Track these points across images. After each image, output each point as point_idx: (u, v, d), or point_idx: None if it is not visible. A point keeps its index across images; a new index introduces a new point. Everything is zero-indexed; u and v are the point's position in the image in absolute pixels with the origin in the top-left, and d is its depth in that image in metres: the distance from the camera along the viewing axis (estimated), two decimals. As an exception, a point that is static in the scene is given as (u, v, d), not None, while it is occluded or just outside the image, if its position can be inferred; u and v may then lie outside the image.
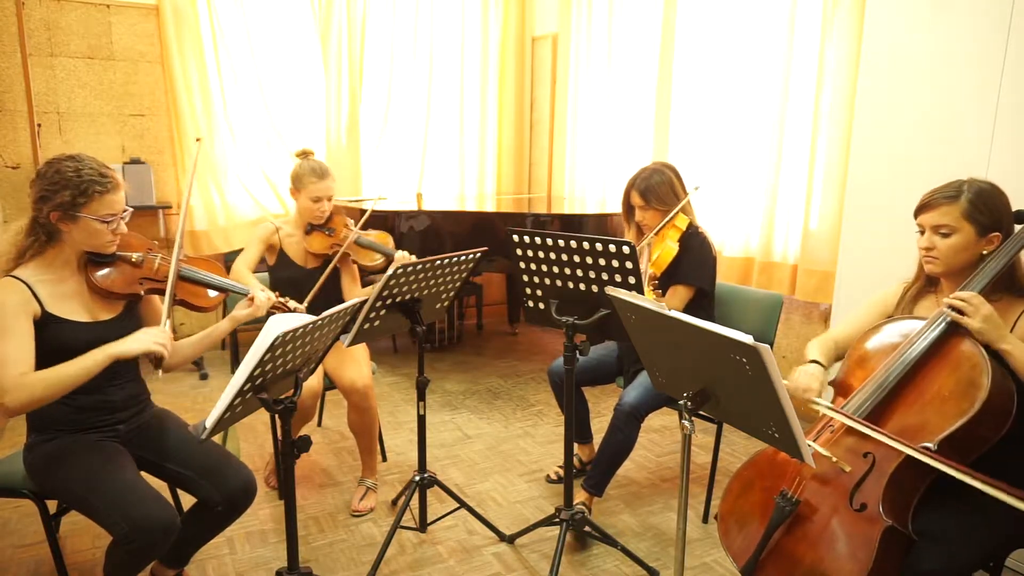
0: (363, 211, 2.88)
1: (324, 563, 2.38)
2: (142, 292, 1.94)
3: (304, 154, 2.79)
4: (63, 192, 1.76)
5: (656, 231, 2.61)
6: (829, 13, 3.25)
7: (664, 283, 2.62)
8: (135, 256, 1.96)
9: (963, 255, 1.72)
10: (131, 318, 1.97)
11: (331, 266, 2.71)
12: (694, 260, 2.60)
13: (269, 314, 2.68)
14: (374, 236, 2.92)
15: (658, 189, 2.61)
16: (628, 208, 2.73)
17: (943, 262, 1.75)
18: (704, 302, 2.66)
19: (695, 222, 2.69)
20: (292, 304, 2.23)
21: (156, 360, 1.83)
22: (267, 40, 4.55)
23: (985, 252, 1.72)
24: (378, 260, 2.86)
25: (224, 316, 2.15)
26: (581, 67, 4.92)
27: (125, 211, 1.87)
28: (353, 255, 2.82)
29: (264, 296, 2.11)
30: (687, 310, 2.24)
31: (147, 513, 1.70)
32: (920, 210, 1.78)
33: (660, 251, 2.57)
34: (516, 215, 4.19)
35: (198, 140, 2.06)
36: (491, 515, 2.67)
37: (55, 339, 1.80)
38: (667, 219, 2.59)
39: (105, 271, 1.90)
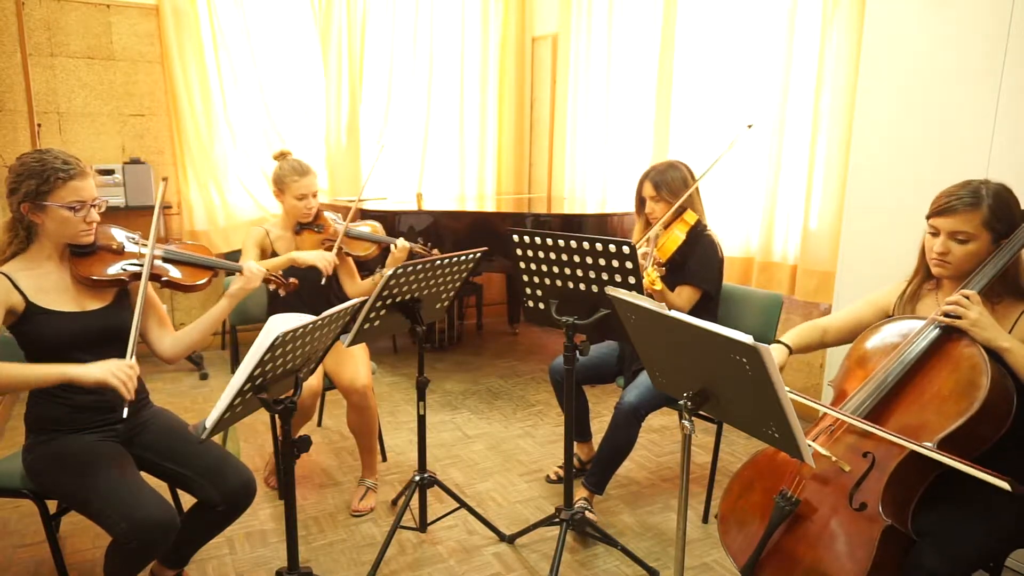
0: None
1: (324, 563, 2.38)
2: (125, 278, 1.94)
3: (282, 155, 2.79)
4: (28, 181, 1.78)
5: (662, 223, 2.61)
6: (829, 13, 3.26)
7: (670, 273, 2.61)
8: (115, 244, 1.97)
9: (976, 260, 1.71)
10: (121, 307, 1.97)
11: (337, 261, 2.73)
12: (701, 261, 2.60)
13: (269, 293, 2.70)
14: (364, 226, 2.92)
15: (671, 183, 2.62)
16: (640, 200, 2.73)
17: (955, 267, 1.73)
18: (709, 305, 2.65)
19: (704, 222, 2.69)
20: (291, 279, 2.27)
21: (118, 400, 1.73)
22: (267, 40, 4.55)
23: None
24: (372, 249, 2.86)
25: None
26: (581, 67, 4.92)
27: (96, 200, 1.87)
28: (346, 248, 2.82)
29: (255, 267, 2.10)
30: (692, 312, 2.23)
31: (146, 513, 1.70)
32: (938, 213, 1.74)
33: (667, 239, 2.58)
34: (516, 215, 4.19)
35: (164, 179, 2.09)
36: (491, 515, 2.67)
37: (41, 329, 1.81)
38: (675, 207, 2.59)
39: (87, 260, 1.90)
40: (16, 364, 1.74)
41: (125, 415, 1.72)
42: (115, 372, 1.72)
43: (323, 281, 2.66)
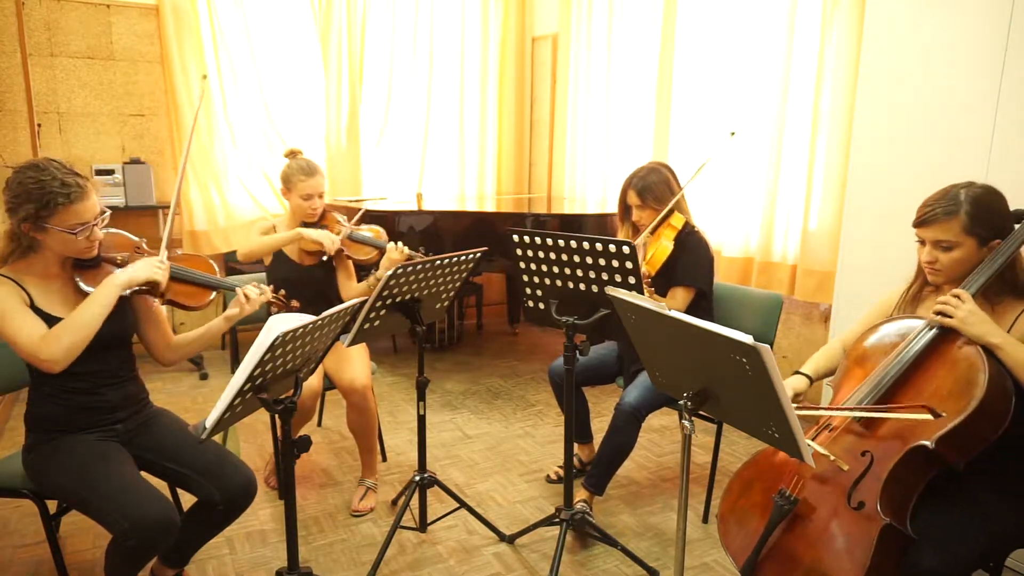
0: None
1: (324, 563, 2.38)
2: (126, 294, 1.92)
3: (292, 153, 2.80)
4: (26, 205, 1.73)
5: (651, 229, 2.61)
6: (829, 13, 3.26)
7: (660, 283, 2.62)
8: (120, 257, 1.96)
9: (966, 266, 1.72)
10: (123, 317, 1.96)
11: (335, 262, 2.76)
12: (692, 261, 2.60)
13: (269, 313, 2.70)
14: (367, 231, 2.92)
15: (655, 188, 2.61)
16: (624, 207, 2.73)
17: (945, 274, 1.74)
18: (703, 303, 2.66)
19: (691, 222, 2.69)
20: (293, 303, 2.25)
21: (155, 291, 1.92)
22: (267, 40, 4.56)
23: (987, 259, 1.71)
24: (371, 254, 2.87)
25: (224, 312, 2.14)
26: (581, 67, 4.92)
27: (102, 214, 1.85)
28: (347, 250, 2.83)
29: (255, 292, 2.10)
30: (687, 312, 2.24)
31: (146, 511, 1.71)
32: (919, 224, 1.76)
33: (655, 250, 2.58)
34: (516, 215, 4.19)
35: (204, 77, 2.07)
36: (491, 515, 2.67)
37: None
38: (661, 216, 2.59)
39: (89, 274, 1.89)
40: (74, 312, 1.77)
41: (158, 303, 1.96)
42: (158, 268, 1.90)
43: (324, 257, 2.71)
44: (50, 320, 1.81)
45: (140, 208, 4.19)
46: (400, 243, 2.77)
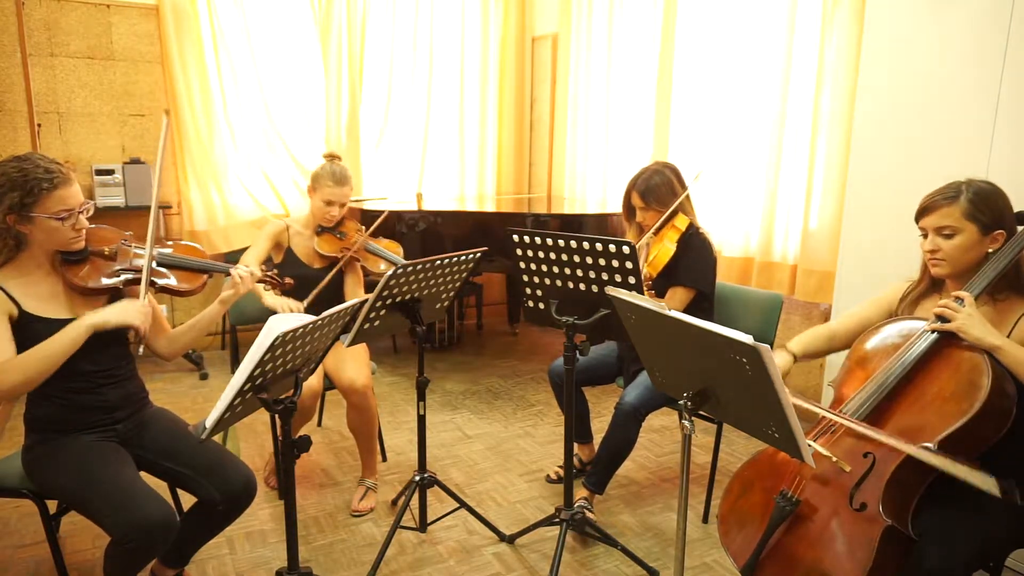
0: (375, 215, 2.89)
1: (324, 563, 2.38)
2: (120, 285, 1.93)
3: (331, 157, 2.82)
4: (11, 194, 1.74)
5: (653, 231, 2.61)
6: (829, 12, 3.26)
7: (661, 284, 2.62)
8: (108, 249, 1.95)
9: (968, 255, 1.72)
10: None
11: (336, 268, 2.74)
12: (694, 262, 2.60)
13: (271, 313, 2.69)
14: (384, 244, 2.94)
15: (657, 190, 2.61)
16: (629, 208, 2.73)
17: (949, 263, 1.74)
18: (704, 304, 2.65)
19: (696, 223, 2.68)
20: (286, 279, 2.28)
21: (135, 337, 1.88)
22: (267, 40, 4.55)
23: (991, 251, 1.71)
24: (384, 268, 2.88)
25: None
26: (581, 67, 4.92)
27: (84, 205, 1.85)
28: (361, 260, 2.84)
29: (246, 271, 2.09)
30: (686, 312, 2.24)
31: (145, 512, 1.70)
32: (921, 214, 1.78)
33: (657, 251, 2.58)
34: (516, 215, 4.19)
35: (166, 111, 2.06)
36: (491, 515, 2.67)
37: (37, 338, 1.78)
38: (663, 219, 2.59)
39: (79, 268, 1.88)
40: (38, 345, 1.73)
41: (140, 352, 1.90)
42: (135, 313, 1.84)
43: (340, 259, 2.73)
44: (42, 323, 1.80)
45: (140, 208, 4.18)
46: None
